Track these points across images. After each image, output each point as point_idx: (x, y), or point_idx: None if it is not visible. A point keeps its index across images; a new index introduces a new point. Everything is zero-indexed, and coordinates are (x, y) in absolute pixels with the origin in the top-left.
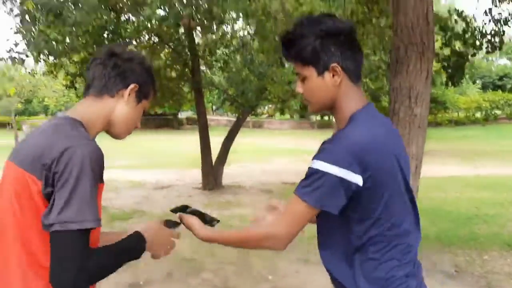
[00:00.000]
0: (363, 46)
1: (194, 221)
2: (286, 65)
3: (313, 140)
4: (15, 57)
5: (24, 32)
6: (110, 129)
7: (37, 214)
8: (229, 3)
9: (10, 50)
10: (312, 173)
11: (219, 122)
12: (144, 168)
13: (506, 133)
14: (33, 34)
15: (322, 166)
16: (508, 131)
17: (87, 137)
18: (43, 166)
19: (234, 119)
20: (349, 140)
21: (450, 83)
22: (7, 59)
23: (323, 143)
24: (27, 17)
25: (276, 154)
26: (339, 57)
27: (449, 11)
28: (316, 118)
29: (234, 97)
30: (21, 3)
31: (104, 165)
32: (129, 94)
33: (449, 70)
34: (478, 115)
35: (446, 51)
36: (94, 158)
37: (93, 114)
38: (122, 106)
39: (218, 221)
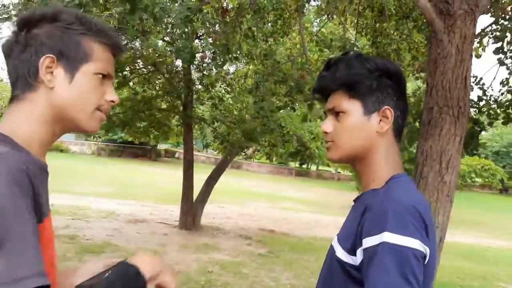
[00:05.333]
0: None
1: None
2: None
3: (291, 187)
4: None
5: None
6: (71, 128)
7: None
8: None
9: None
10: (390, 252)
11: (197, 158)
12: (117, 198)
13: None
14: None
15: (400, 240)
16: (480, 198)
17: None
18: None
19: (212, 156)
20: (408, 203)
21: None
22: None
23: (368, 208)
24: None
25: (254, 197)
26: (393, 102)
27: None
28: (295, 165)
29: (224, 136)
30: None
31: (38, 189)
32: (51, 73)
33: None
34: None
35: None
36: (15, 183)
37: (23, 123)
38: (53, 95)
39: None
